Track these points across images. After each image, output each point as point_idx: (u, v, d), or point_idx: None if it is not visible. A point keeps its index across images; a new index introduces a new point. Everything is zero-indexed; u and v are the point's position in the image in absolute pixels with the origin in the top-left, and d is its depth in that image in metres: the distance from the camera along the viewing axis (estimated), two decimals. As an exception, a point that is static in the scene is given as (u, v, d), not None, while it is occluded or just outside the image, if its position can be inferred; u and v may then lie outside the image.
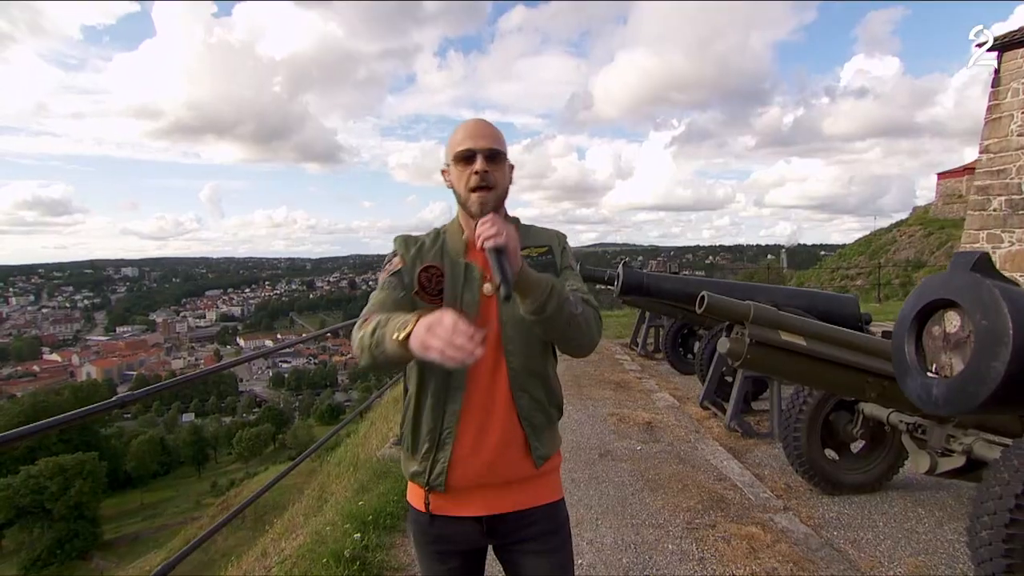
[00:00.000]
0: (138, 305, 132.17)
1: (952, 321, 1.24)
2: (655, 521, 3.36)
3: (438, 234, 1.44)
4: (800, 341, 2.98)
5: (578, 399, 6.17)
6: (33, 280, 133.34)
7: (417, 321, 1.08)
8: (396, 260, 1.40)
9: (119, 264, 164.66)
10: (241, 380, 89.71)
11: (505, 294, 1.13)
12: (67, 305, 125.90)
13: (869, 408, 3.74)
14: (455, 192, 1.39)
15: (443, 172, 1.42)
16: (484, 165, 1.32)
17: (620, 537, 3.15)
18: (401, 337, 1.09)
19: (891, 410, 3.54)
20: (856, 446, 4.10)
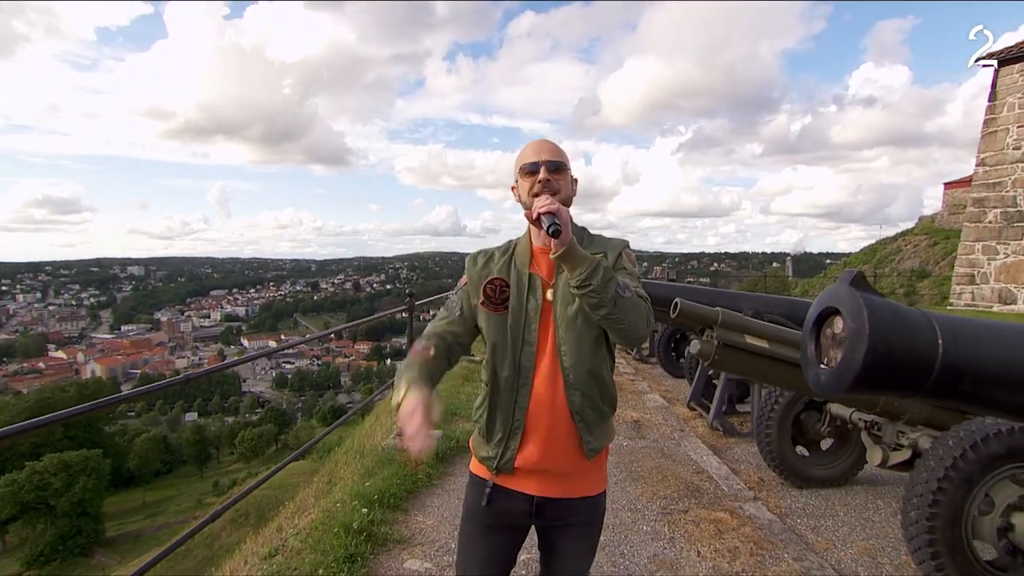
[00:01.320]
0: (143, 304, 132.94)
1: (837, 324, 1.58)
2: (633, 506, 3.70)
3: (509, 246, 1.59)
4: (763, 344, 3.31)
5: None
6: (40, 278, 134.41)
7: (405, 396, 1.35)
8: (463, 279, 1.59)
9: (125, 263, 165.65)
10: (244, 380, 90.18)
11: (554, 231, 1.28)
12: (73, 303, 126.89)
13: (835, 408, 4.07)
14: (522, 204, 1.51)
15: (512, 188, 1.57)
16: (546, 174, 1.47)
17: (600, 519, 3.49)
18: (396, 403, 1.36)
19: (853, 409, 3.87)
20: (825, 444, 4.42)
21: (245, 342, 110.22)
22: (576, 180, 1.57)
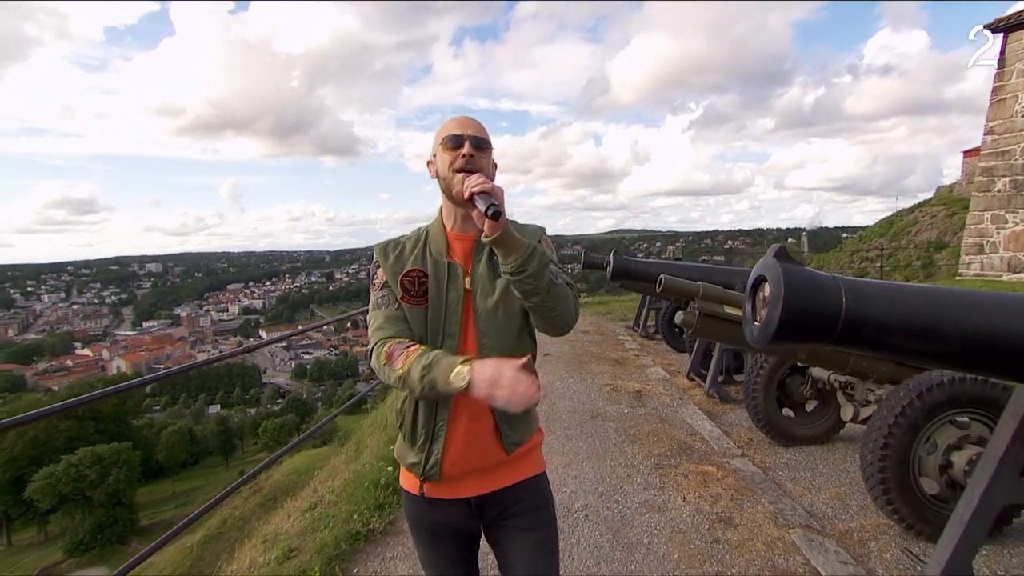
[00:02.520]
0: (163, 300, 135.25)
1: (765, 289, 1.97)
2: (630, 463, 4.11)
3: (420, 234, 1.50)
4: (738, 312, 3.69)
5: (578, 372, 6.92)
6: (63, 277, 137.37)
7: (471, 369, 1.21)
8: (380, 273, 1.47)
9: (143, 260, 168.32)
10: (264, 372, 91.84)
11: (493, 212, 1.20)
12: (96, 301, 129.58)
13: (815, 371, 4.43)
14: (439, 179, 1.43)
15: (428, 163, 1.49)
16: (471, 149, 1.38)
17: (599, 474, 3.91)
18: (461, 387, 1.21)
19: (830, 372, 4.23)
20: (810, 405, 4.79)
21: (263, 334, 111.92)
22: (496, 165, 1.50)
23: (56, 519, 33.58)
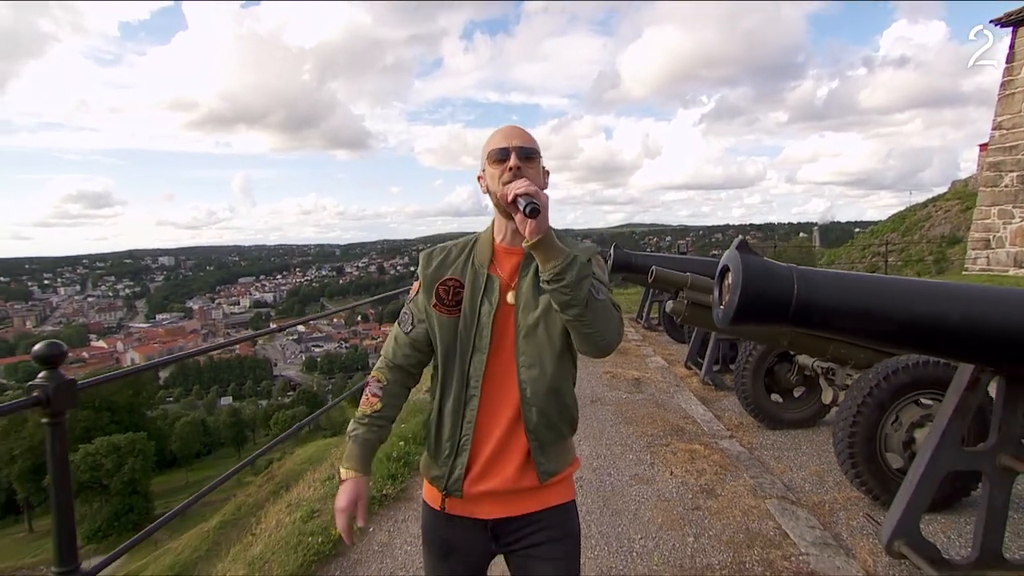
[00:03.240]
0: (175, 293, 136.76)
1: (729, 278, 2.26)
2: (624, 442, 4.41)
3: (468, 242, 1.47)
4: (725, 303, 3.97)
5: (580, 361, 7.20)
6: (78, 270, 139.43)
7: (345, 475, 1.37)
8: (415, 286, 1.46)
9: (156, 254, 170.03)
10: (275, 365, 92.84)
11: (532, 209, 1.17)
12: (110, 294, 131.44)
13: (801, 359, 4.70)
14: (491, 194, 1.39)
15: (479, 178, 1.44)
16: (518, 161, 1.34)
17: (594, 451, 4.22)
18: (341, 475, 1.38)
19: (814, 359, 4.50)
20: (798, 391, 5.05)
21: (274, 327, 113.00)
22: (548, 172, 1.47)
23: (75, 507, 34.45)
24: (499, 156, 1.36)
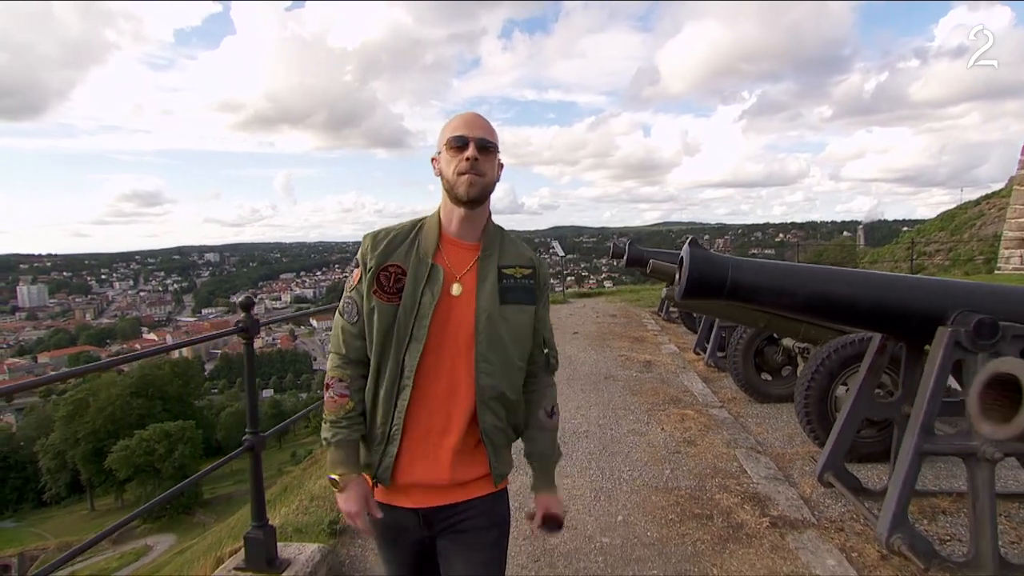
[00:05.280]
0: (220, 288, 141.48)
1: (683, 265, 3.08)
2: (627, 407, 5.22)
3: (414, 227, 1.44)
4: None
5: (600, 346, 8.02)
6: (131, 266, 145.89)
7: (339, 483, 1.35)
8: (356, 273, 1.42)
9: (202, 250, 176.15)
10: (315, 359, 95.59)
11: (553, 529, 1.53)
12: (160, 289, 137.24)
13: (786, 341, 5.43)
14: (443, 178, 1.39)
15: (433, 160, 1.43)
16: (476, 153, 1.33)
17: (601, 413, 5.05)
18: (337, 482, 1.36)
19: (794, 341, 5.22)
20: (786, 371, 5.76)
21: (314, 322, 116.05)
22: (503, 165, 1.46)
23: (131, 488, 36.61)
24: (457, 143, 1.36)
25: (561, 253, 16.38)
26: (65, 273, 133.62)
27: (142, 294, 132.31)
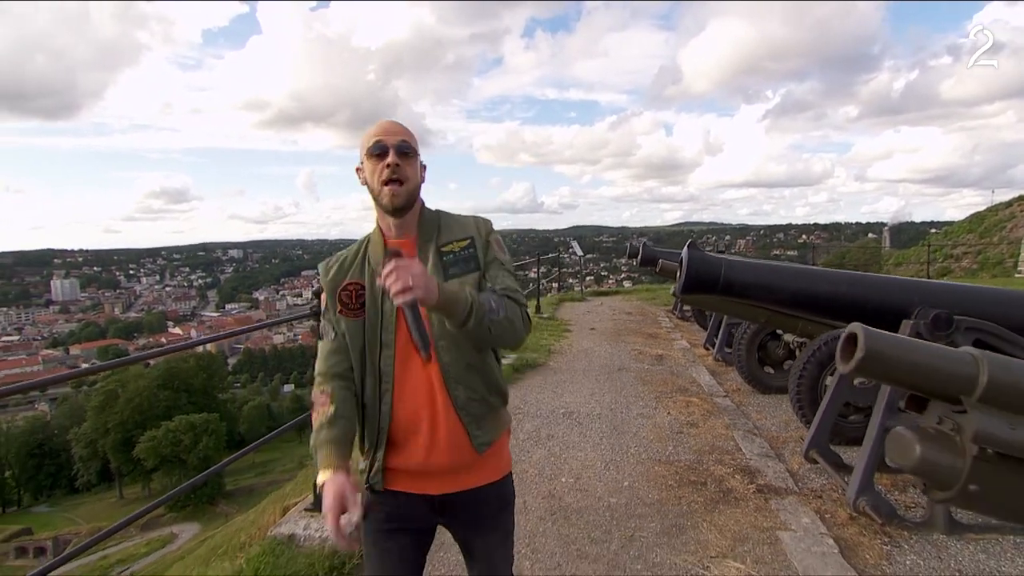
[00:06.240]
0: (243, 284, 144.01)
1: (682, 264, 3.55)
2: (637, 395, 5.68)
3: (361, 246, 1.49)
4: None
5: (615, 342, 8.47)
6: (158, 261, 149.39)
7: (325, 480, 1.28)
8: (323, 298, 1.48)
9: (226, 247, 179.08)
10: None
11: (425, 357, 1.29)
12: (185, 284, 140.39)
13: (786, 336, 5.84)
14: (368, 188, 1.42)
15: (357, 170, 1.45)
16: (395, 158, 1.36)
17: (613, 399, 5.52)
18: (318, 484, 1.32)
19: (793, 336, 5.63)
20: (788, 364, 6.16)
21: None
22: (425, 167, 1.49)
23: (157, 478, 37.80)
24: (377, 151, 1.39)
25: (580, 252, 16.78)
26: (95, 268, 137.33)
27: (168, 289, 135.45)
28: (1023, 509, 1.02)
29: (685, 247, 3.43)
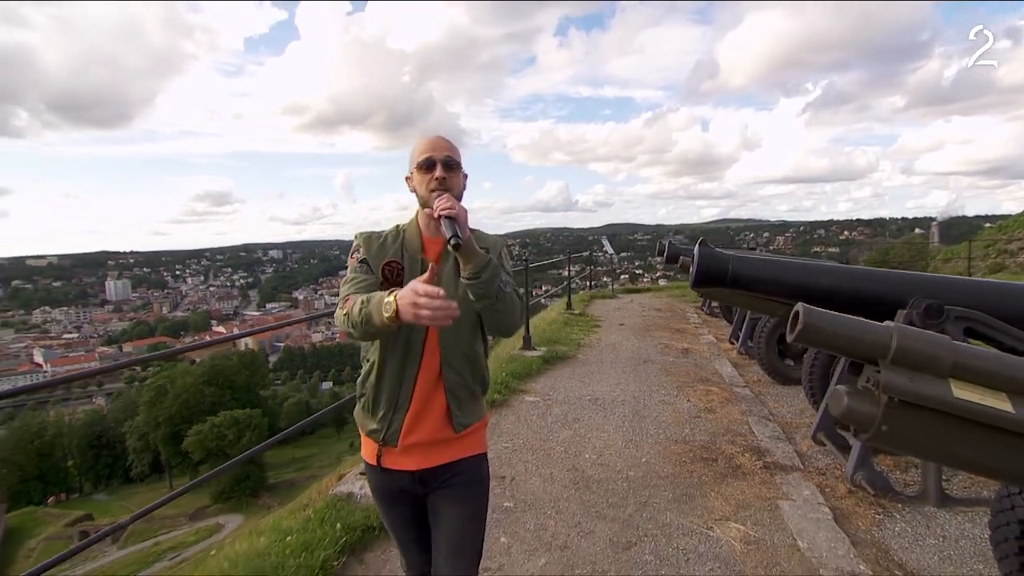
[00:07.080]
0: (283, 284, 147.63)
1: (695, 261, 3.89)
2: (661, 384, 6.01)
3: (398, 231, 1.68)
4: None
5: (643, 336, 8.79)
6: (202, 262, 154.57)
7: (395, 298, 1.33)
8: (361, 251, 1.65)
9: (267, 247, 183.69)
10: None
11: (455, 243, 1.40)
12: (227, 284, 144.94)
13: (805, 330, 6.08)
14: (417, 195, 1.63)
15: (407, 179, 1.66)
16: (443, 172, 1.57)
17: (637, 388, 5.86)
18: (388, 316, 1.34)
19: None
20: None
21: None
22: (467, 176, 1.67)
23: (204, 470, 39.32)
24: (426, 165, 1.59)
25: (611, 251, 17.03)
26: (145, 269, 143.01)
27: (211, 289, 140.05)
28: (924, 443, 1.37)
29: (697, 245, 3.78)
